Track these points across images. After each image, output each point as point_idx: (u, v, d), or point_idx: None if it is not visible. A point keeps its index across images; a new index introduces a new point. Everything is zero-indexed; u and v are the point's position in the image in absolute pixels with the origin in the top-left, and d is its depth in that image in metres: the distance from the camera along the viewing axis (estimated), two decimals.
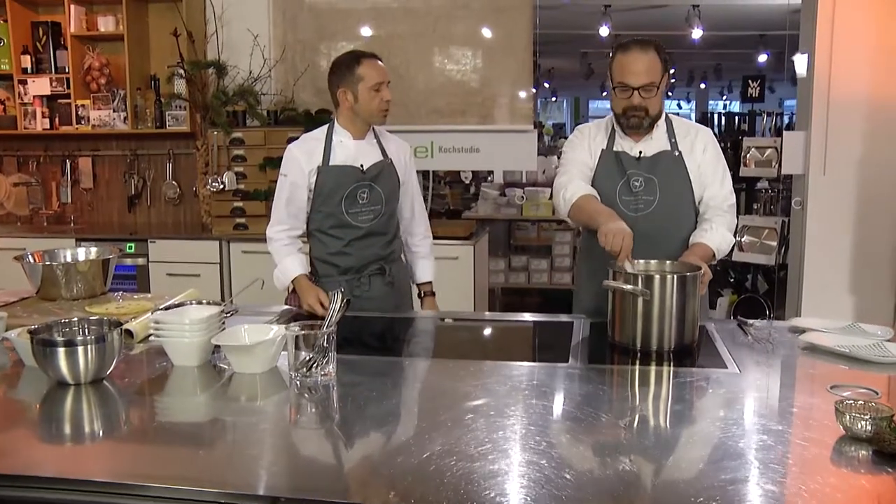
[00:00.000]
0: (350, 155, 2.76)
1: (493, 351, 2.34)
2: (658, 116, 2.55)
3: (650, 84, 2.45)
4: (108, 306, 2.55)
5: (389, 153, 2.85)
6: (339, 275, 2.81)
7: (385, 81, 2.73)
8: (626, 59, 2.46)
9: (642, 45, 2.47)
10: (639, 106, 2.48)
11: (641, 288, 2.13)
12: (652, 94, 2.47)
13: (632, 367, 2.09)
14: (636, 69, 2.45)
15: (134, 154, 5.27)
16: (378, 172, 2.79)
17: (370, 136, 2.84)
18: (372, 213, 2.78)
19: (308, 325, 1.93)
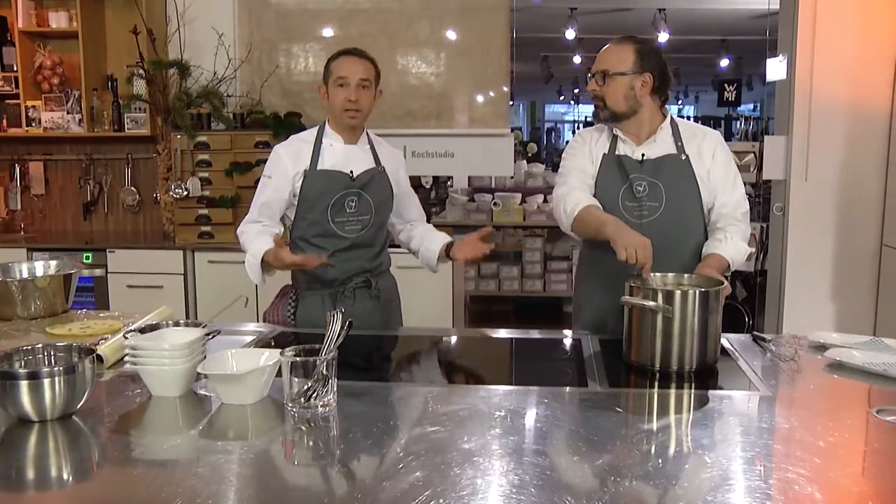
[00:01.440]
0: (339, 160, 2.59)
1: (503, 373, 2.16)
2: (626, 113, 2.43)
3: (603, 71, 2.38)
4: (72, 327, 2.31)
5: (383, 160, 2.68)
6: (322, 287, 2.63)
7: (352, 78, 2.52)
8: (602, 49, 2.44)
9: (623, 38, 2.42)
10: (597, 94, 2.42)
11: (664, 305, 1.98)
12: (610, 84, 2.38)
13: (660, 391, 1.93)
14: (599, 57, 2.43)
15: (90, 158, 4.98)
16: (369, 180, 2.61)
17: (363, 141, 2.68)
18: (360, 223, 2.61)
19: (305, 349, 1.73)
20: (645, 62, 2.37)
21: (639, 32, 8.60)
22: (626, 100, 2.39)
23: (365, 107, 2.56)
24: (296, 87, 4.83)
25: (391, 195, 2.69)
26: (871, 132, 4.48)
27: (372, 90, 2.58)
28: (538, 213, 6.68)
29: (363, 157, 2.64)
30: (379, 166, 2.66)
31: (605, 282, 2.45)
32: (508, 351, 2.35)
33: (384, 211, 2.68)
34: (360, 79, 2.52)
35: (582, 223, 2.33)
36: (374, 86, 2.59)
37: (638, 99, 2.40)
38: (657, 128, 2.45)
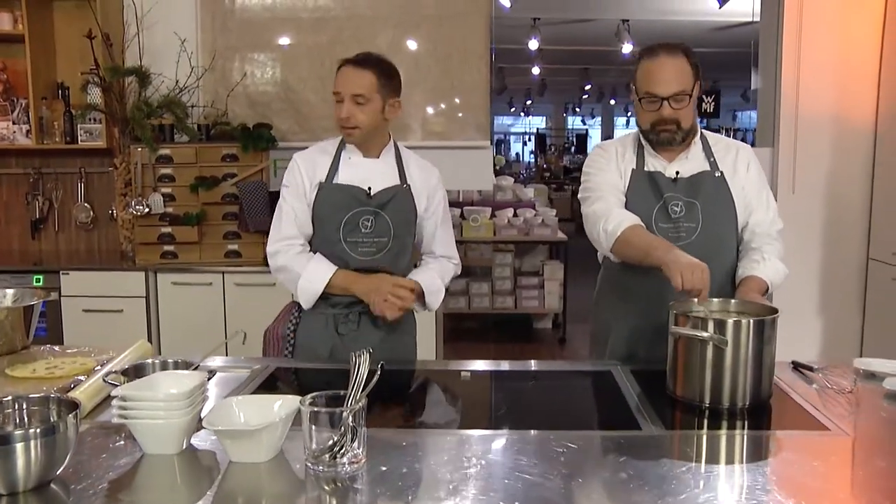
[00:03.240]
0: (358, 174, 2.36)
1: (543, 414, 1.92)
2: (692, 130, 2.24)
3: (681, 93, 2.15)
4: (36, 367, 2.02)
5: (410, 178, 2.41)
6: (326, 307, 2.37)
7: (345, 92, 2.28)
8: (653, 65, 2.16)
9: (669, 49, 2.17)
10: (669, 118, 2.17)
11: (718, 335, 1.79)
12: (684, 103, 2.16)
13: (727, 433, 1.74)
14: (665, 76, 2.14)
15: (38, 172, 4.61)
16: (389, 199, 2.35)
17: (388, 155, 2.42)
18: (375, 246, 2.36)
19: (329, 397, 1.49)
20: (696, 69, 2.18)
21: (602, 44, 8.56)
22: (694, 115, 2.21)
23: (362, 123, 2.29)
24: (263, 97, 4.55)
25: (413, 218, 2.42)
26: (856, 144, 4.41)
27: (371, 104, 2.29)
28: (508, 228, 6.50)
29: (386, 173, 2.39)
30: (404, 184, 2.39)
31: (637, 307, 2.26)
32: (538, 386, 2.12)
33: (405, 234, 2.40)
34: (353, 94, 2.28)
35: (627, 245, 2.13)
36: (377, 99, 2.30)
37: (695, 111, 2.21)
38: (690, 142, 2.26)
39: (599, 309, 2.43)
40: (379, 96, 2.30)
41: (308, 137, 4.55)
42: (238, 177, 4.14)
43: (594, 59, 11.72)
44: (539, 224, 6.49)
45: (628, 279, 2.27)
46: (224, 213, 4.16)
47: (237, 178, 4.14)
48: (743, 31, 8.41)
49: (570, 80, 15.17)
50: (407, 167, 2.43)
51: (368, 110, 2.29)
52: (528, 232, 6.50)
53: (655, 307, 2.22)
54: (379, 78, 2.31)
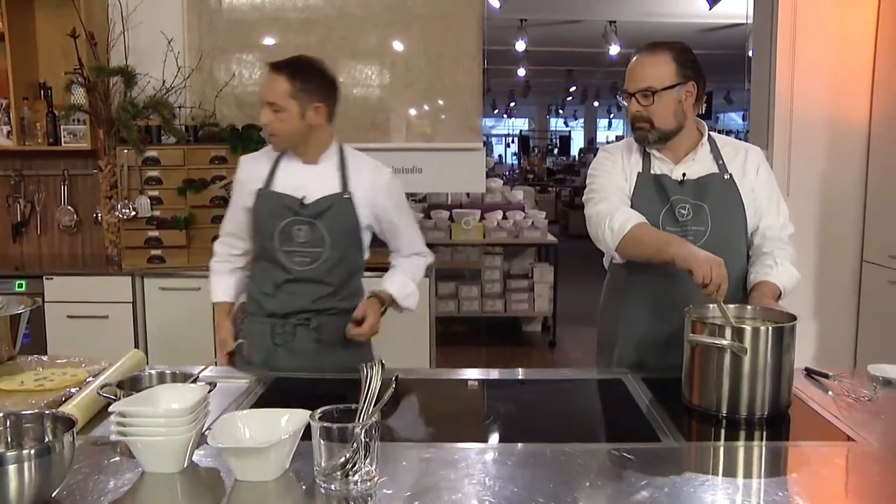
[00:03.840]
0: (293, 182, 2.29)
1: (557, 425, 1.85)
2: (674, 130, 2.18)
3: (646, 89, 2.11)
4: (24, 379, 1.93)
5: (356, 185, 2.30)
6: (263, 317, 2.36)
7: (267, 101, 2.22)
8: (632, 62, 2.16)
9: (653, 46, 2.15)
10: (639, 115, 2.14)
11: (737, 343, 1.73)
12: (649, 101, 2.12)
13: (747, 444, 1.69)
14: (635, 73, 2.14)
15: (20, 174, 4.49)
16: (325, 208, 2.27)
17: (329, 161, 2.33)
18: (310, 256, 2.28)
19: (340, 410, 1.42)
20: (686, 69, 2.12)
21: (590, 45, 8.55)
22: (675, 116, 2.14)
23: (279, 130, 2.23)
24: (251, 97, 4.46)
25: (355, 227, 2.32)
26: (851, 146, 4.39)
27: (286, 112, 2.20)
28: (498, 230, 6.44)
29: (324, 181, 2.29)
30: (345, 192, 2.29)
31: (646, 313, 2.20)
32: (548, 395, 2.05)
33: (344, 245, 2.31)
34: (268, 102, 2.22)
35: (635, 242, 2.06)
36: (293, 105, 2.20)
37: (685, 112, 2.16)
38: (696, 144, 2.21)
39: (606, 315, 2.37)
40: (295, 102, 2.20)
41: None
42: (227, 179, 4.04)
43: (580, 60, 11.70)
44: (529, 227, 6.43)
45: (637, 284, 2.21)
46: (213, 217, 4.06)
47: (226, 181, 4.04)
48: (730, 33, 8.43)
49: (555, 81, 15.17)
50: (354, 173, 2.31)
51: (284, 117, 2.21)
52: (518, 234, 6.44)
53: (665, 313, 2.17)
54: (293, 83, 2.20)
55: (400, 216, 2.42)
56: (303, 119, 2.22)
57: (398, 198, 2.41)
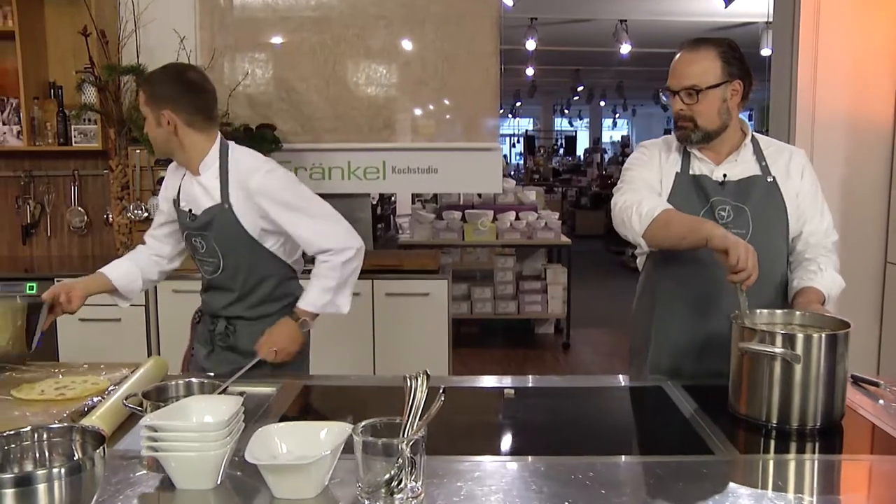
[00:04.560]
0: (187, 195, 2.31)
1: (604, 436, 1.78)
2: (718, 130, 2.10)
3: (691, 87, 2.04)
4: (44, 388, 1.86)
5: (232, 194, 2.22)
6: (206, 316, 2.47)
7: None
8: (675, 58, 2.09)
9: (698, 42, 2.09)
10: (684, 114, 2.07)
11: (793, 351, 1.66)
12: (694, 100, 2.05)
13: (809, 457, 1.61)
14: (679, 70, 2.07)
15: (29, 175, 4.42)
16: (209, 220, 2.25)
17: (209, 170, 2.26)
18: (211, 265, 2.34)
19: (383, 424, 1.34)
20: (732, 67, 2.05)
21: (599, 44, 8.49)
22: (719, 116, 2.07)
23: (152, 140, 2.28)
24: (264, 97, 4.39)
25: (243, 236, 2.25)
26: (874, 147, 4.31)
27: (148, 121, 2.22)
28: (511, 231, 6.37)
29: (205, 193, 2.26)
30: (225, 203, 2.23)
31: (682, 317, 2.12)
32: (588, 404, 1.98)
33: (240, 255, 2.28)
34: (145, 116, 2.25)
35: (666, 225, 1.98)
36: (149, 113, 2.21)
37: (729, 111, 2.08)
38: (739, 144, 2.14)
39: (639, 319, 2.29)
40: (149, 110, 2.20)
41: (310, 139, 4.40)
42: None
43: (588, 59, 11.62)
44: (542, 227, 6.36)
45: (671, 286, 2.14)
46: None
47: None
48: (740, 32, 8.35)
49: (561, 81, 15.09)
50: (233, 180, 2.23)
51: (147, 126, 2.24)
52: (531, 235, 6.37)
53: (701, 317, 2.11)
54: (145, 92, 2.21)
55: (287, 215, 2.25)
56: (160, 127, 2.20)
57: (278, 196, 2.25)
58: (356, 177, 4.43)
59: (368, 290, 3.93)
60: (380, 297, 3.92)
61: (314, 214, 2.28)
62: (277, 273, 2.35)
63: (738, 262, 1.77)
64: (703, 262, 2.02)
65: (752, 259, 1.78)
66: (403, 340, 3.94)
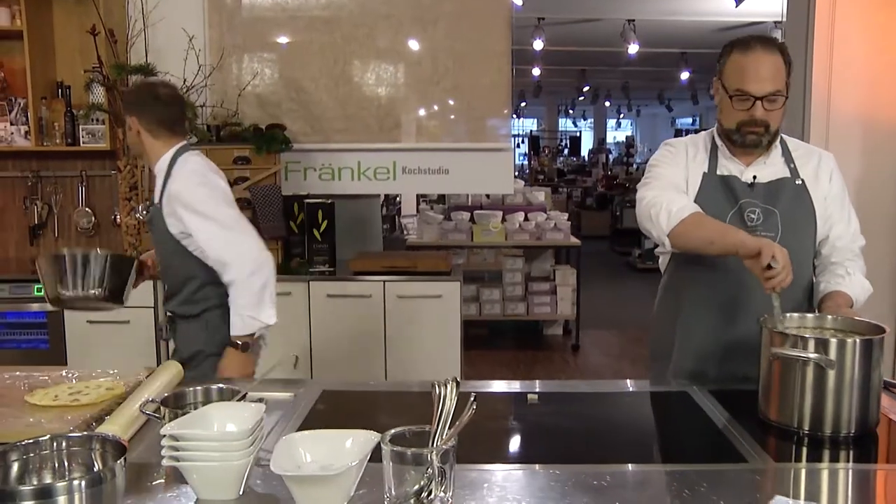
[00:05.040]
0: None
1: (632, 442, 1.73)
2: (777, 134, 2.06)
3: (776, 93, 1.96)
4: (58, 394, 1.81)
5: (164, 197, 2.42)
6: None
7: None
8: (747, 60, 1.97)
9: (765, 42, 1.99)
10: (760, 120, 1.99)
11: (826, 357, 1.61)
12: (777, 105, 1.98)
13: (843, 466, 1.57)
14: (761, 74, 1.95)
15: (37, 175, 4.38)
16: (150, 219, 2.51)
17: (160, 171, 2.48)
18: (158, 263, 2.57)
19: (411, 432, 1.30)
20: (789, 69, 2.00)
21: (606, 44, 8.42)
22: (783, 118, 2.03)
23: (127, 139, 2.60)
24: (273, 97, 4.35)
25: (168, 237, 2.42)
26: (889, 147, 4.27)
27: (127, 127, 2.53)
28: (520, 232, 6.33)
29: (156, 191, 2.49)
30: (159, 203, 2.44)
31: (708, 319, 2.08)
32: (614, 410, 1.94)
33: (165, 253, 2.48)
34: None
35: (695, 227, 1.93)
36: (126, 120, 2.52)
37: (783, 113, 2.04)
38: (771, 145, 2.09)
39: (661, 321, 2.25)
40: (125, 115, 2.51)
41: (320, 139, 4.37)
42: (251, 180, 3.94)
43: (595, 60, 11.57)
44: (551, 228, 6.32)
45: (696, 287, 2.09)
46: None
47: (249, 182, 3.94)
48: (750, 31, 8.28)
49: (566, 81, 15.04)
50: (170, 181, 2.42)
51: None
52: (540, 236, 6.33)
53: (729, 320, 2.06)
54: (121, 99, 2.61)
55: (196, 221, 2.37)
56: (129, 130, 2.50)
57: (191, 202, 2.37)
58: (366, 177, 4.39)
59: (380, 291, 3.89)
60: (391, 298, 3.88)
61: (224, 224, 2.39)
62: (200, 276, 2.45)
63: (771, 261, 1.73)
64: (730, 264, 1.98)
65: (785, 259, 1.74)
66: (415, 343, 3.90)
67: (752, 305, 1.99)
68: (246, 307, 2.37)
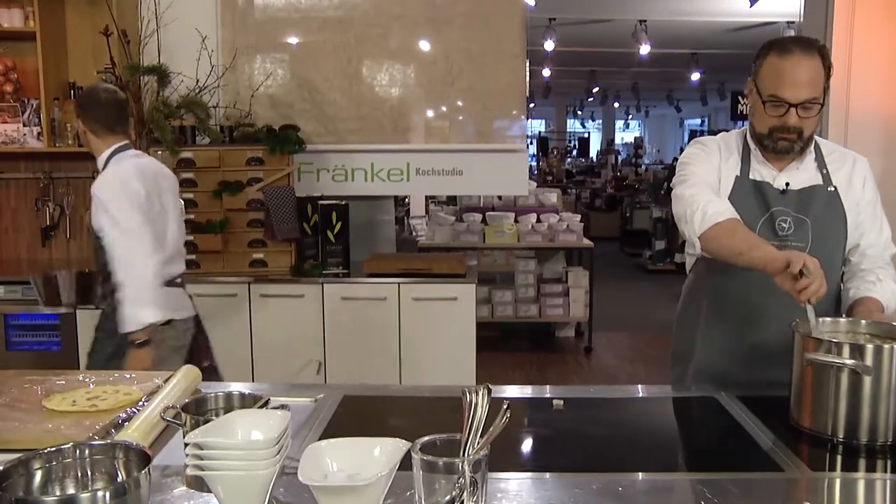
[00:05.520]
0: None
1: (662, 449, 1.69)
2: (811, 140, 2.01)
3: (812, 100, 1.89)
4: (76, 398, 1.78)
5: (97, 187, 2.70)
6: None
7: None
8: (785, 65, 1.89)
9: (804, 46, 1.91)
10: (793, 127, 1.92)
11: (863, 363, 1.57)
12: (812, 112, 1.91)
13: (880, 476, 1.52)
14: (798, 79, 1.87)
15: (49, 177, 4.37)
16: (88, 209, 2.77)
17: (100, 168, 2.82)
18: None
19: (442, 441, 1.27)
20: (828, 73, 1.93)
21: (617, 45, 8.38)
22: (818, 124, 1.97)
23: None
24: (287, 97, 4.33)
25: (94, 234, 2.69)
26: None
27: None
28: (532, 234, 6.29)
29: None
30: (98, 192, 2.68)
31: (732, 323, 2.04)
32: (641, 416, 1.91)
33: (98, 251, 2.69)
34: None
35: (728, 235, 1.87)
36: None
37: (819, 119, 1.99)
38: (804, 151, 2.04)
39: (685, 323, 2.20)
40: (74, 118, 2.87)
41: (334, 140, 4.34)
42: (264, 182, 3.92)
43: (605, 60, 11.53)
44: (564, 230, 6.28)
45: (722, 290, 2.04)
46: (249, 220, 3.94)
47: (263, 183, 3.92)
48: (762, 32, 8.24)
49: (576, 82, 15.00)
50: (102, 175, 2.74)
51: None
52: (553, 238, 6.29)
53: (755, 324, 2.02)
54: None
55: (103, 217, 2.63)
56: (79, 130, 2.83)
57: (103, 200, 2.64)
58: (379, 178, 4.36)
59: (395, 294, 3.86)
60: (406, 300, 3.85)
61: (123, 228, 2.62)
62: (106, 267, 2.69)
63: (805, 271, 1.68)
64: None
65: (817, 268, 1.69)
66: (429, 345, 3.87)
67: (777, 309, 1.94)
68: (129, 305, 2.61)
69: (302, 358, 3.85)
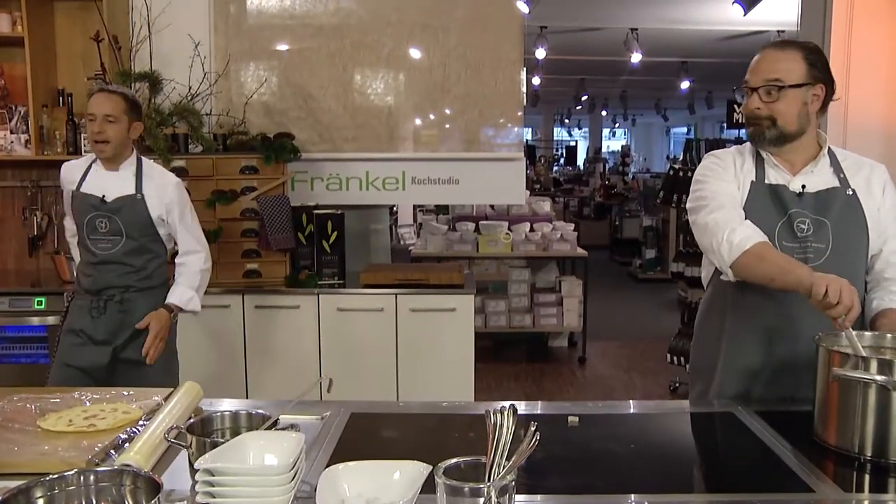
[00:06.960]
0: (98, 184, 2.87)
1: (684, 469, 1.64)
2: (795, 134, 1.99)
3: (773, 82, 1.93)
4: (72, 418, 1.71)
5: (146, 188, 2.88)
6: (83, 292, 2.92)
7: (98, 113, 2.79)
8: (757, 57, 2.00)
9: (784, 42, 2.00)
10: (758, 112, 1.97)
11: (892, 379, 1.53)
12: (773, 98, 1.94)
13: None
14: (762, 66, 1.98)
15: (37, 185, 4.28)
16: (121, 206, 2.84)
17: (127, 168, 2.91)
18: (110, 242, 2.86)
19: (466, 464, 1.21)
20: (817, 70, 1.94)
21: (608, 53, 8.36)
22: (798, 118, 1.96)
23: (112, 138, 2.81)
24: (280, 105, 4.26)
25: (148, 222, 2.88)
26: None
27: (119, 124, 2.81)
28: (526, 243, 6.24)
29: (122, 184, 2.88)
30: (138, 193, 2.86)
31: (756, 337, 1.99)
32: (658, 433, 1.85)
33: (138, 235, 2.87)
34: (105, 114, 2.79)
35: (758, 260, 1.86)
36: (124, 119, 2.82)
37: (808, 117, 1.97)
38: (816, 155, 2.02)
39: (705, 338, 2.15)
40: (126, 118, 2.83)
41: (328, 148, 4.28)
42: (258, 191, 3.84)
43: (595, 68, 11.52)
44: (557, 239, 6.23)
45: (746, 305, 2.00)
46: (243, 230, 3.86)
47: (257, 192, 3.84)
48: (753, 41, 8.24)
49: (564, 90, 14.99)
50: (145, 179, 2.89)
51: (116, 128, 2.81)
52: (546, 247, 6.24)
53: (778, 339, 1.98)
54: (126, 102, 2.84)
55: (182, 214, 2.95)
56: (128, 132, 2.86)
57: (180, 199, 2.95)
58: (375, 187, 4.30)
59: (392, 304, 3.79)
60: (403, 311, 3.78)
61: (192, 223, 3.00)
62: (161, 255, 2.97)
63: (833, 295, 1.65)
64: None
65: (849, 291, 1.67)
66: (427, 357, 3.80)
67: (800, 324, 1.92)
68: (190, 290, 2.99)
69: (296, 371, 3.78)
